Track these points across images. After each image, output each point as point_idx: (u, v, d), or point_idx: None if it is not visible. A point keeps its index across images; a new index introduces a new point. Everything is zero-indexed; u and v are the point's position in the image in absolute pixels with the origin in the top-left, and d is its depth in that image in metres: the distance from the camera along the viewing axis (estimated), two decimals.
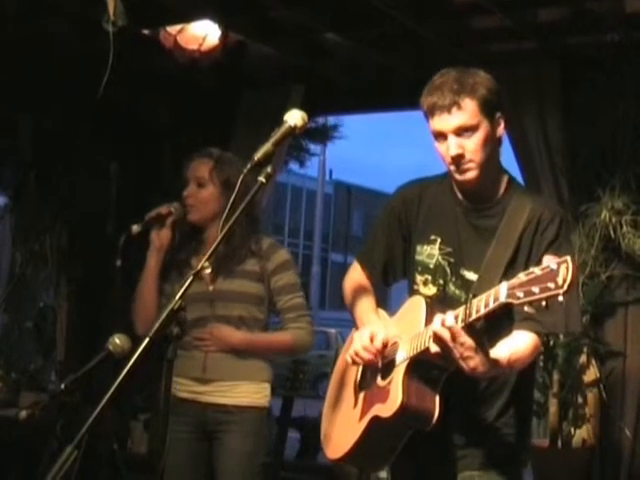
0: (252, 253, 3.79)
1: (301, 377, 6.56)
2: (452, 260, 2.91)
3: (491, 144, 2.82)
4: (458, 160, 2.81)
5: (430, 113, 2.82)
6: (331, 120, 8.12)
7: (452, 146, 2.79)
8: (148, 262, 3.86)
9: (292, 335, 3.83)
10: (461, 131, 2.78)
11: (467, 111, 2.76)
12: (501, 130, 2.85)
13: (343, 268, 38.55)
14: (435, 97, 2.79)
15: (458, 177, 2.85)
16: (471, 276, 2.85)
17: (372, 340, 2.87)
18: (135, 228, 3.81)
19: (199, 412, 3.73)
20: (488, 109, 2.79)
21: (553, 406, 5.62)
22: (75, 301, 7.03)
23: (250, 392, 3.76)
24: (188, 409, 3.71)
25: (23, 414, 3.79)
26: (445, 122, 2.79)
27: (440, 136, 2.82)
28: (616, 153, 5.61)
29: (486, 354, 2.60)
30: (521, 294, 2.37)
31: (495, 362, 2.64)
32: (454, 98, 2.76)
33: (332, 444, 3.08)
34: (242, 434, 3.72)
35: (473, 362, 2.57)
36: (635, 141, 5.57)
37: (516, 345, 2.73)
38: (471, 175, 2.82)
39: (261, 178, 2.57)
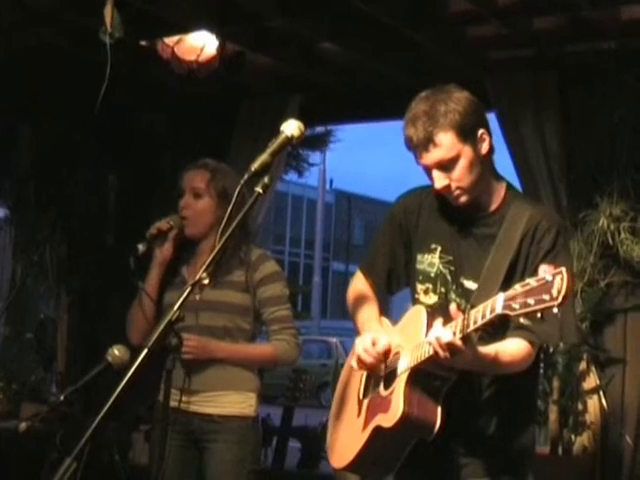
0: (240, 264, 3.79)
1: (301, 387, 6.53)
2: (452, 268, 2.90)
3: (478, 165, 2.81)
4: (446, 191, 2.83)
5: (409, 148, 2.83)
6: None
7: (436, 180, 2.81)
8: (150, 275, 3.86)
9: (274, 347, 3.85)
10: (442, 164, 2.79)
11: (443, 146, 2.76)
12: (487, 145, 2.83)
13: (344, 277, 38.66)
14: (410, 131, 2.79)
15: (452, 201, 2.87)
16: (470, 285, 2.84)
17: (374, 344, 2.86)
18: (141, 248, 3.77)
19: (186, 421, 3.73)
20: (466, 134, 2.77)
21: (553, 413, 5.63)
22: (75, 312, 7.02)
23: (235, 402, 3.78)
24: (176, 418, 3.70)
25: (23, 426, 3.80)
26: (424, 159, 2.80)
27: (425, 168, 2.84)
28: (614, 160, 5.61)
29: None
30: (517, 305, 2.36)
31: (478, 352, 2.63)
32: (427, 135, 2.75)
33: (336, 453, 3.08)
34: (228, 443, 3.74)
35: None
36: (632, 148, 5.57)
37: (504, 345, 2.71)
38: (463, 199, 2.84)
39: (258, 189, 2.55)
